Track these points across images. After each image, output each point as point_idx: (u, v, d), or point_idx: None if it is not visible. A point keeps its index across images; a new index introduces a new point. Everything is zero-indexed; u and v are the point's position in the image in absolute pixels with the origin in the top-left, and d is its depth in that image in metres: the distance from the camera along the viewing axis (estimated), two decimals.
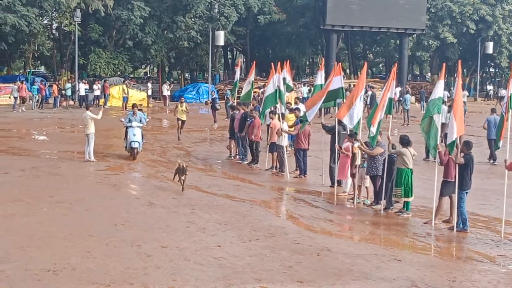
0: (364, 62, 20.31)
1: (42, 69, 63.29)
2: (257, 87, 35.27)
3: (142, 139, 19.60)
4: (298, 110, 19.29)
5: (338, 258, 10.08)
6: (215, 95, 37.38)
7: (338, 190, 15.25)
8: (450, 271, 9.73)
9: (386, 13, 49.25)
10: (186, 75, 63.89)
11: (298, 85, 43.21)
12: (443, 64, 17.12)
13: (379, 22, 50.37)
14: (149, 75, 69.93)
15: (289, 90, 21.00)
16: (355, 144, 14.42)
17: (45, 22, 47.28)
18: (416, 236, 11.97)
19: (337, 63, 16.60)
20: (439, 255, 11.01)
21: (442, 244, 11.65)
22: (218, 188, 15.69)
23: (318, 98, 16.17)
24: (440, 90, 12.87)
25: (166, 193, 14.90)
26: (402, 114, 34.22)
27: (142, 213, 12.79)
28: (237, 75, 25.22)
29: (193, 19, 49.20)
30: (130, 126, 19.12)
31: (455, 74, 30.23)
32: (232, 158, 20.44)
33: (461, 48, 57.33)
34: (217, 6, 48.65)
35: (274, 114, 18.49)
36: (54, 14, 46.71)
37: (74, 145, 21.81)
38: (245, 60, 63.43)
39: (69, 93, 40.55)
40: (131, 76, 54.20)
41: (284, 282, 8.75)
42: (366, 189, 14.60)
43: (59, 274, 8.78)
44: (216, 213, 12.83)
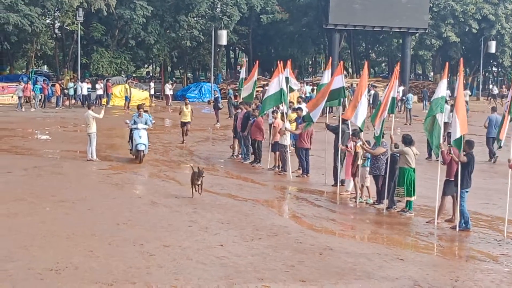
0: (366, 62, 20.35)
1: (45, 68, 63.43)
2: (259, 87, 35.24)
3: (148, 141, 18.85)
4: (300, 110, 19.31)
5: (340, 257, 10.08)
6: (218, 95, 37.45)
7: (341, 189, 15.26)
8: (452, 271, 9.72)
9: (388, 12, 49.23)
10: (189, 75, 63.92)
11: (301, 84, 43.20)
12: (446, 63, 17.14)
13: (382, 21, 50.33)
14: (151, 75, 70.12)
15: (291, 90, 21.00)
16: (358, 143, 14.44)
17: (47, 21, 47.36)
18: (418, 235, 11.96)
19: (339, 62, 16.61)
20: (442, 255, 11.00)
21: (445, 243, 11.65)
22: (220, 187, 15.70)
23: (321, 98, 16.19)
24: (443, 89, 12.89)
25: (169, 192, 14.91)
26: (405, 113, 34.21)
27: (144, 212, 12.79)
28: (242, 74, 25.00)
29: (195, 18, 49.23)
30: (136, 128, 18.38)
31: (458, 73, 30.34)
32: (235, 157, 20.44)
33: (463, 47, 57.26)
34: (219, 6, 48.68)
35: (277, 113, 18.51)
36: (56, 14, 46.80)
37: (77, 144, 21.83)
38: (247, 59, 63.48)
39: (71, 92, 40.65)
40: (134, 75, 54.31)
41: (286, 282, 8.75)
42: (367, 188, 14.61)
43: (62, 273, 8.78)
44: (218, 212, 12.84)
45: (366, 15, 49.27)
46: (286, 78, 18.35)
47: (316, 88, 29.74)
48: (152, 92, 44.74)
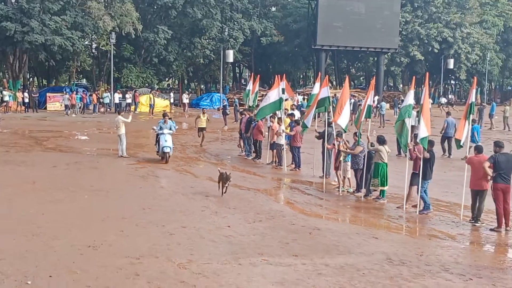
0: (347, 76, 20.29)
1: (84, 81, 63.27)
2: (260, 96, 35.19)
3: (172, 144, 18.14)
4: (293, 115, 19.45)
5: (326, 236, 10.08)
6: (226, 103, 37.46)
7: (327, 180, 15.25)
8: (418, 247, 9.72)
9: (365, 35, 49.24)
10: (202, 86, 63.86)
11: (294, 94, 43.10)
12: (413, 77, 17.14)
13: (360, 43, 50.42)
14: (171, 86, 69.90)
15: (285, 99, 20.95)
16: (341, 142, 14.48)
17: (86, 43, 47.30)
18: (390, 218, 11.96)
19: (325, 76, 16.64)
20: (409, 234, 11.01)
21: (412, 224, 11.64)
22: None
23: (311, 109, 16.36)
24: (410, 99, 12.91)
25: (186, 183, 14.91)
26: (379, 118, 34.18)
27: (165, 199, 12.80)
28: (248, 86, 24.54)
29: (207, 40, 49.15)
30: (162, 133, 17.78)
31: (423, 85, 30.31)
32: (243, 153, 20.40)
33: (427, 64, 57.10)
34: (227, 30, 48.56)
35: (274, 118, 18.51)
36: (93, 36, 46.77)
37: (110, 144, 21.83)
38: (250, 73, 63.29)
39: (106, 101, 40.65)
40: (157, 87, 54.19)
41: (282, 256, 8.75)
42: (348, 179, 14.62)
43: (98, 249, 8.80)
44: (226, 199, 12.83)
45: (347, 38, 49.33)
46: (282, 89, 18.34)
47: (307, 97, 29.70)
48: (172, 100, 44.83)
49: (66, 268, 7.87)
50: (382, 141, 13.32)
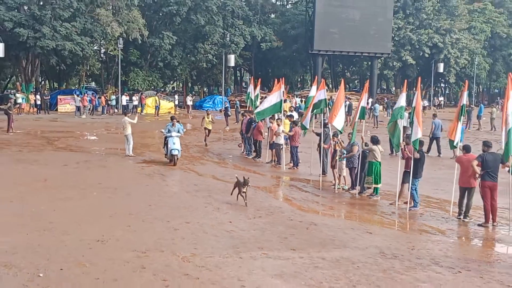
0: (342, 79, 20.18)
1: (93, 84, 63.24)
2: (260, 98, 35.13)
3: (180, 147, 17.39)
4: (292, 116, 19.46)
5: (322, 231, 10.08)
6: (227, 105, 37.41)
7: (324, 178, 15.24)
8: (410, 241, 9.72)
9: (360, 40, 49.31)
10: (205, 89, 63.83)
11: (291, 96, 43.13)
12: (405, 80, 17.12)
13: (355, 48, 50.40)
14: (176, 89, 69.85)
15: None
16: (337, 142, 14.48)
17: (95, 48, 47.27)
18: (383, 214, 11.96)
19: (322, 80, 16.62)
20: (401, 229, 11.00)
21: (404, 220, 11.63)
22: (229, 177, 15.63)
23: (309, 109, 16.35)
24: (402, 101, 12.89)
25: (189, 181, 14.90)
26: (373, 119, 34.16)
27: (170, 196, 12.80)
28: (250, 90, 24.46)
29: (210, 46, 49.07)
30: (170, 136, 17.08)
31: (414, 88, 30.10)
32: (244, 152, 20.40)
33: (418, 68, 57.05)
34: (228, 36, 48.54)
35: (273, 119, 18.50)
36: (102, 42, 46.69)
37: (118, 143, 21.82)
38: (251, 77, 63.28)
39: (113, 103, 40.71)
40: (162, 89, 54.18)
41: (280, 250, 8.75)
42: (344, 177, 14.61)
43: (106, 243, 8.80)
44: (227, 196, 12.83)
45: (342, 43, 49.38)
46: (282, 92, 18.35)
47: (305, 100, 29.68)
48: (176, 102, 44.78)
49: (76, 261, 7.88)
50: (375, 141, 13.33)
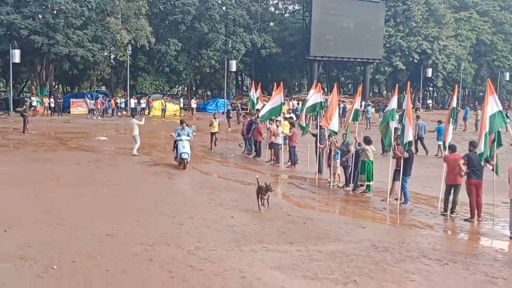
0: (335, 84, 20.21)
1: (103, 88, 63.20)
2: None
3: (190, 150, 16.58)
4: (291, 118, 19.49)
5: (318, 225, 10.07)
6: (229, 107, 37.39)
7: (320, 176, 15.23)
8: (400, 235, 9.71)
9: (353, 47, 49.48)
10: (208, 92, 63.80)
11: (289, 99, 43.07)
12: (396, 84, 17.14)
13: (349, 54, 50.62)
14: (181, 93, 69.82)
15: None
16: (332, 142, 14.49)
17: (105, 54, 47.20)
18: (375, 209, 11.96)
19: (317, 84, 16.69)
20: (392, 224, 11.00)
21: (394, 215, 11.64)
22: (231, 174, 15.69)
23: (304, 111, 16.35)
24: (394, 103, 12.93)
25: (194, 178, 14.90)
26: (365, 121, 34.15)
27: (175, 193, 12.79)
28: (251, 93, 24.27)
29: (213, 52, 49.01)
30: (180, 139, 16.37)
31: (404, 92, 30.14)
32: (244, 152, 20.38)
33: (408, 72, 57.07)
34: (230, 43, 48.54)
35: (272, 121, 18.50)
36: (112, 48, 46.69)
37: (126, 144, 21.80)
38: (251, 81, 63.21)
39: (123, 105, 40.74)
40: (168, 93, 54.16)
41: (279, 243, 8.75)
42: (338, 175, 14.60)
43: (116, 237, 8.80)
44: (230, 193, 12.84)
45: (337, 49, 49.59)
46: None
47: (302, 102, 29.64)
48: (181, 105, 44.76)
49: (88, 254, 7.88)
50: (368, 141, 13.33)
